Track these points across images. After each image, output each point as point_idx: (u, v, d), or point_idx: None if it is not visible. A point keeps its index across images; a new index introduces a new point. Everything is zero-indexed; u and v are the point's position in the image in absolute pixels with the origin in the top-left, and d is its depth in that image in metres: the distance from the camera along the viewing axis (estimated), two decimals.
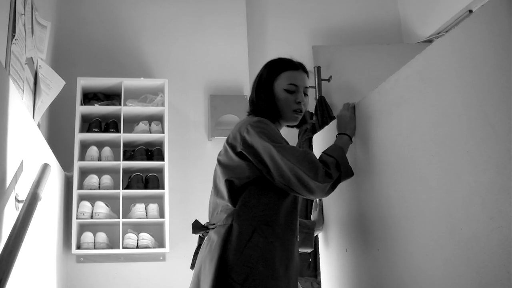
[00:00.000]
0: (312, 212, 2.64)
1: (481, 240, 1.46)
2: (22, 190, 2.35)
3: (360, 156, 2.21)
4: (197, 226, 2.18)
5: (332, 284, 2.51)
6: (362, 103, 2.22)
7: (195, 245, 2.20)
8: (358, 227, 2.23)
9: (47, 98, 3.77)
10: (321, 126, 3.90)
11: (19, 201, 2.28)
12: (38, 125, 3.62)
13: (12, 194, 2.23)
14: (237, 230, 1.98)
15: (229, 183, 2.06)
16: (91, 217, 4.18)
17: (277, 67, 2.22)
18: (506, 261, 1.36)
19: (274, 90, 2.18)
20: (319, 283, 3.11)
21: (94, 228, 4.26)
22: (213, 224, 2.08)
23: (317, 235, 2.62)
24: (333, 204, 2.47)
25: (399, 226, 1.92)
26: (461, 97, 1.56)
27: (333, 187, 2.00)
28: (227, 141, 2.14)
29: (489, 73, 1.45)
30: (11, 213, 2.19)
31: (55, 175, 3.64)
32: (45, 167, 2.55)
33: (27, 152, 2.54)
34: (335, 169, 1.99)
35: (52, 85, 3.86)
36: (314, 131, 3.97)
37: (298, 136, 4.16)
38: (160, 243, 4.35)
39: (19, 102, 2.45)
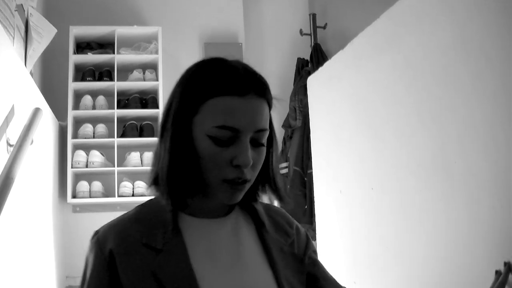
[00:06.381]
0: None
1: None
2: (13, 135, 2.34)
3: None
4: None
5: (327, 228, 2.53)
6: (355, 41, 2.19)
7: None
8: (351, 168, 2.23)
9: (38, 46, 3.72)
10: None
11: (10, 145, 2.27)
12: (31, 73, 3.58)
13: (3, 138, 2.22)
14: None
15: None
16: (86, 166, 4.18)
17: (200, 87, 1.08)
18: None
19: (192, 135, 1.09)
20: (314, 230, 3.12)
21: (89, 177, 4.26)
22: None
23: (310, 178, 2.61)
24: (323, 150, 2.47)
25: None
26: (457, 31, 1.54)
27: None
28: None
29: (485, 5, 1.42)
30: (2, 157, 2.18)
31: (49, 122, 3.62)
32: (36, 111, 2.53)
33: (18, 97, 2.51)
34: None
35: (44, 33, 3.80)
36: None
37: (294, 83, 4.14)
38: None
39: (9, 47, 2.42)
